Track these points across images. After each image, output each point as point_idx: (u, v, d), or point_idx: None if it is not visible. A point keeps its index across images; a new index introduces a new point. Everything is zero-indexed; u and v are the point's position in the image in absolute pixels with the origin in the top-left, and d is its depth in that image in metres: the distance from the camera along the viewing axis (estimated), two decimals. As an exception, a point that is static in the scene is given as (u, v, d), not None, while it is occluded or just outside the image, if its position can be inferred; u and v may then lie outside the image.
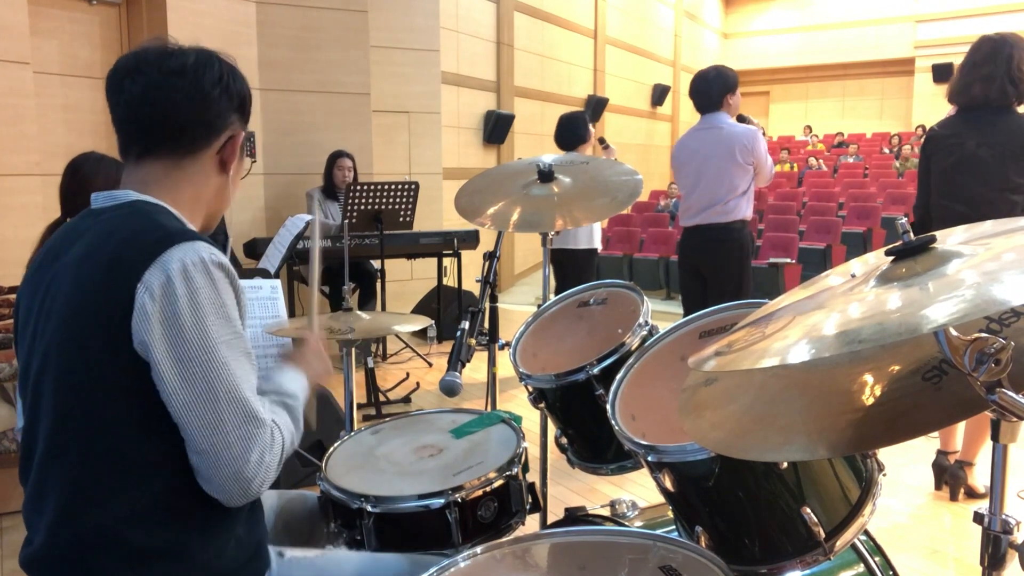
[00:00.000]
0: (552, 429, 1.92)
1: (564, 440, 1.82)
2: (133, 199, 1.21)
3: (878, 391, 1.02)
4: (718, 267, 3.79)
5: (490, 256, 2.04)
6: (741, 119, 3.92)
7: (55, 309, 1.14)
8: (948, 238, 1.01)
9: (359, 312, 2.27)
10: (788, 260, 7.83)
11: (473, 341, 1.82)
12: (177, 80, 1.20)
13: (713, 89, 3.77)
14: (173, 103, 1.20)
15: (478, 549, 1.15)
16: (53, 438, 1.13)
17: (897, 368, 1.03)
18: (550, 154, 2.28)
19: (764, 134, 3.94)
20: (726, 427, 1.10)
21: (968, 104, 2.99)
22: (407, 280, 6.54)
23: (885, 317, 0.81)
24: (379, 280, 5.21)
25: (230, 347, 1.12)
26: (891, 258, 0.95)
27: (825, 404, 1.05)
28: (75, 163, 2.68)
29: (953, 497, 3.15)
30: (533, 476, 1.72)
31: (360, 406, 4.42)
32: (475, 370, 4.77)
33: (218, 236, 4.31)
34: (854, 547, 1.49)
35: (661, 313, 7.37)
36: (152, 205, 1.20)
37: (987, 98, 2.92)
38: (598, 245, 4.63)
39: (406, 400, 4.72)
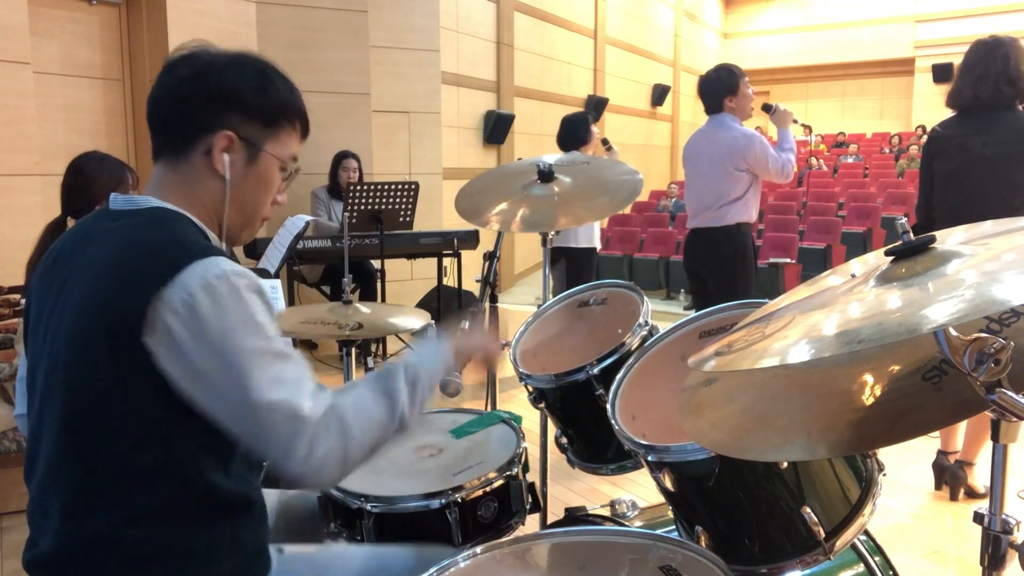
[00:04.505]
0: (552, 429, 1.92)
1: (564, 440, 1.82)
2: (153, 206, 1.19)
3: (878, 391, 1.02)
4: (714, 269, 3.79)
5: (490, 256, 2.05)
6: (767, 108, 3.87)
7: (68, 312, 1.13)
8: (948, 238, 1.01)
9: (358, 305, 2.26)
10: (788, 260, 7.83)
11: (473, 341, 1.81)
12: (162, 78, 1.21)
13: (711, 92, 3.77)
14: (157, 102, 1.21)
15: (478, 549, 1.15)
16: (60, 442, 1.13)
17: (897, 368, 1.03)
18: (551, 154, 2.28)
19: (794, 120, 3.86)
20: (726, 427, 1.10)
21: (962, 107, 3.00)
22: (407, 280, 6.54)
23: (885, 317, 0.81)
24: (379, 280, 5.21)
25: (261, 354, 1.09)
26: (891, 258, 0.95)
27: (825, 404, 1.05)
28: (78, 162, 2.68)
29: (953, 497, 3.15)
30: (533, 476, 1.72)
31: (360, 406, 4.41)
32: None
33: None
34: (854, 547, 1.49)
35: (661, 313, 7.37)
36: (171, 213, 1.19)
37: (978, 99, 2.93)
38: (597, 244, 4.63)
39: (406, 400, 4.71)
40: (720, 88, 3.73)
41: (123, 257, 1.12)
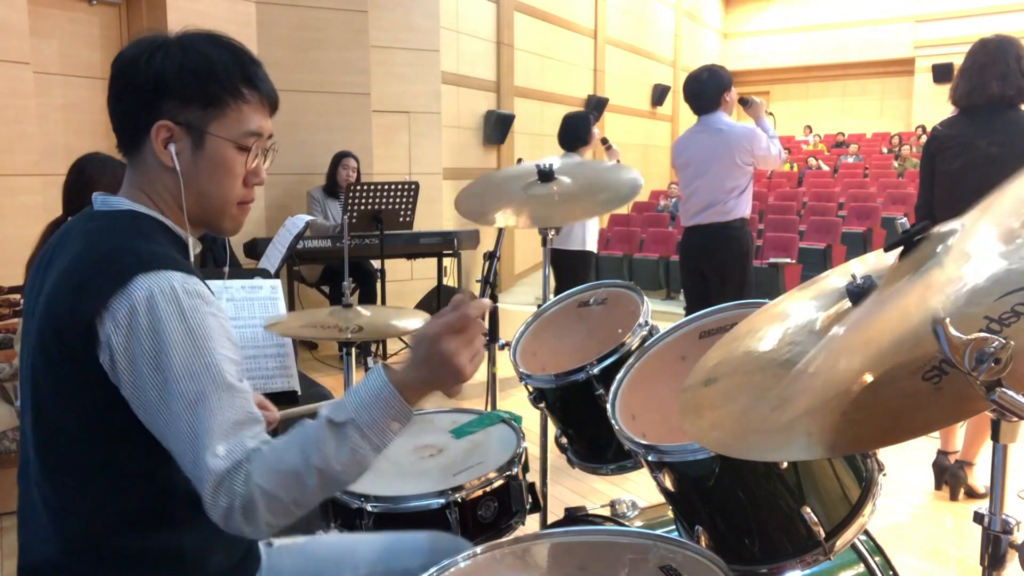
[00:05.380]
0: (552, 429, 1.92)
1: (564, 440, 1.82)
2: (123, 209, 1.16)
3: (878, 391, 1.01)
4: (720, 266, 3.80)
5: (490, 256, 2.05)
6: (744, 101, 3.95)
7: (37, 318, 1.11)
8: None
9: (359, 308, 2.26)
10: (788, 260, 7.83)
11: (473, 341, 1.81)
12: (110, 74, 1.18)
13: (708, 89, 3.78)
14: (107, 101, 1.18)
15: (478, 549, 1.15)
16: (35, 445, 1.12)
17: (897, 368, 1.03)
18: (546, 157, 2.27)
19: (768, 111, 3.95)
20: (726, 427, 1.10)
21: (985, 102, 2.96)
22: (407, 280, 6.54)
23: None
24: (379, 280, 5.21)
25: (198, 378, 1.02)
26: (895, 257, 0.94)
27: (825, 404, 1.05)
28: (80, 163, 2.69)
29: (953, 497, 3.15)
30: (533, 476, 1.72)
31: (360, 406, 4.41)
32: (475, 370, 4.75)
33: (217, 237, 4.31)
34: (854, 547, 1.49)
35: (661, 313, 7.37)
36: (137, 218, 1.15)
37: (1004, 95, 2.92)
38: (593, 247, 4.62)
39: (406, 400, 4.70)
40: (720, 84, 3.78)
41: (76, 267, 1.09)
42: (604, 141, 4.89)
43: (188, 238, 1.21)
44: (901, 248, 0.99)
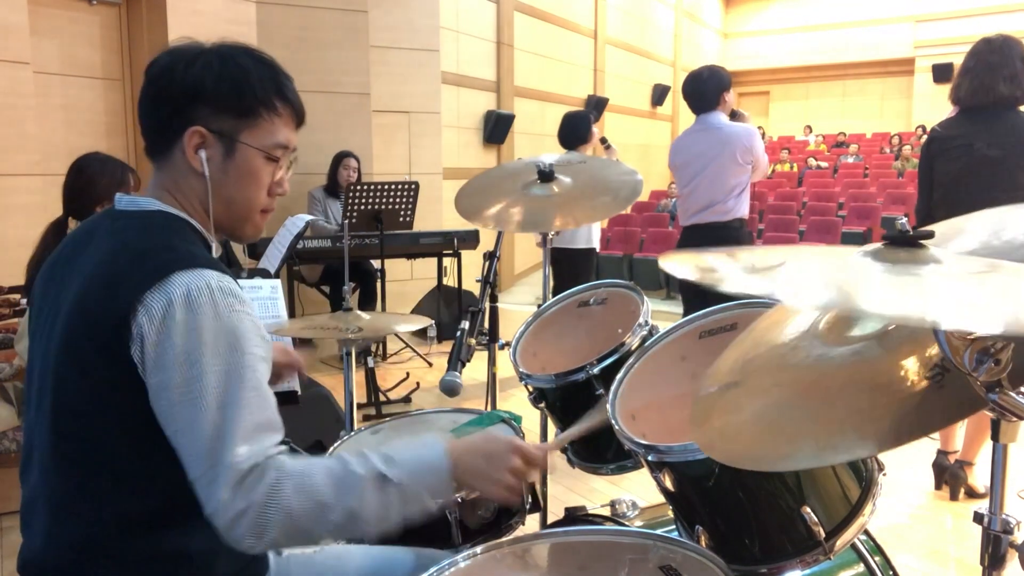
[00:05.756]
0: (552, 429, 1.92)
1: (564, 440, 1.82)
2: (153, 209, 1.18)
3: (879, 393, 1.01)
4: None
5: (490, 256, 2.05)
6: (734, 115, 3.97)
7: (62, 314, 1.12)
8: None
9: (359, 312, 2.26)
10: (788, 260, 7.83)
11: (473, 341, 1.82)
12: (143, 79, 1.20)
13: (709, 89, 3.79)
14: (138, 103, 1.20)
15: (478, 549, 1.15)
16: (50, 443, 1.12)
17: (899, 368, 1.03)
18: (549, 154, 2.27)
19: (759, 128, 4.01)
20: (737, 439, 1.09)
21: (991, 103, 2.94)
22: (407, 280, 6.54)
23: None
24: (379, 280, 5.21)
25: (227, 376, 1.04)
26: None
27: (830, 410, 1.04)
28: (80, 163, 2.70)
29: (953, 497, 3.15)
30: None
31: (360, 406, 4.43)
32: (475, 370, 4.76)
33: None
34: (854, 547, 1.49)
35: (661, 313, 7.37)
36: (168, 217, 1.18)
37: (1012, 96, 2.91)
38: (596, 245, 4.64)
39: (406, 400, 4.72)
40: (720, 83, 3.79)
41: (111, 262, 1.11)
42: (603, 141, 4.90)
43: (212, 241, 1.23)
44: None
